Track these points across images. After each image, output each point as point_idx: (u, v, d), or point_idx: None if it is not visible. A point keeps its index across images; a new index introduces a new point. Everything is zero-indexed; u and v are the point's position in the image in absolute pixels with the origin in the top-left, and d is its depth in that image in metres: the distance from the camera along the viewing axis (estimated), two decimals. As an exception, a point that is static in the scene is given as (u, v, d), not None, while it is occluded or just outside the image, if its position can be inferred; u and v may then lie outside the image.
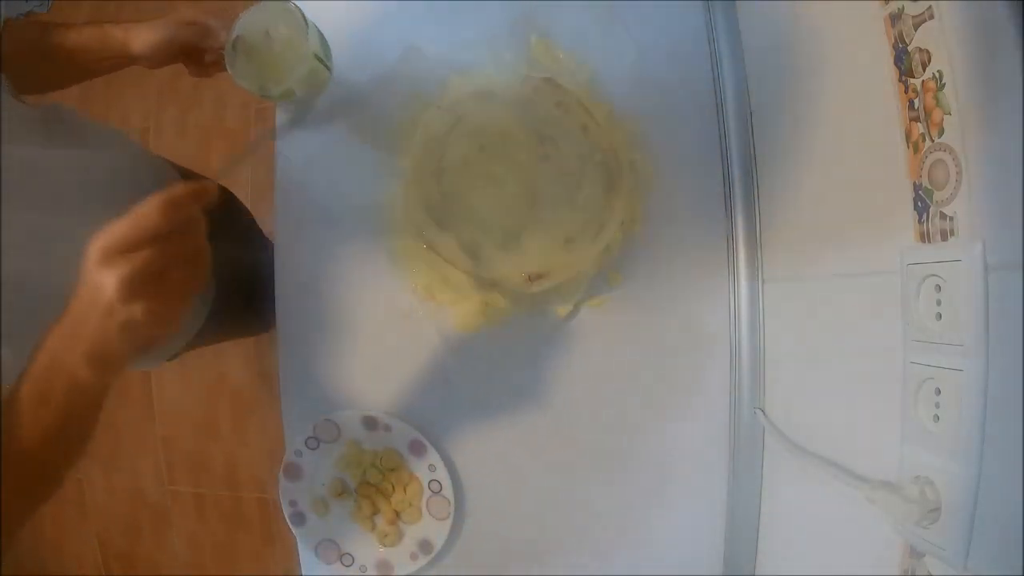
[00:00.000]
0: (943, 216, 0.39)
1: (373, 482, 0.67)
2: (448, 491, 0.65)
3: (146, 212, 0.38)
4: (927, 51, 0.40)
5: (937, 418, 0.40)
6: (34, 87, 0.62)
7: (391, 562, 0.67)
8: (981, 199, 0.36)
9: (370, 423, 0.66)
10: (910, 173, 0.42)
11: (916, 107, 0.41)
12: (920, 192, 0.41)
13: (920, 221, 0.41)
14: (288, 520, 0.68)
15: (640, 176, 0.67)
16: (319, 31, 0.62)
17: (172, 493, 1.62)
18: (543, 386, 0.67)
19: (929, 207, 0.40)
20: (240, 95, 1.61)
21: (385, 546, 0.67)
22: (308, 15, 0.60)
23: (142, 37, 0.63)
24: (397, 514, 0.67)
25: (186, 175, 0.78)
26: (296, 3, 0.59)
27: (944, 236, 0.39)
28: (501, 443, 0.68)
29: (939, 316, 0.39)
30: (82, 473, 1.67)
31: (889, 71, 0.44)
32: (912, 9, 0.41)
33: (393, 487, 0.67)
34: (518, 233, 0.62)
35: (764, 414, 0.64)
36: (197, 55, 0.65)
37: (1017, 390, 0.34)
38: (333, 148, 0.68)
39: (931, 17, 0.39)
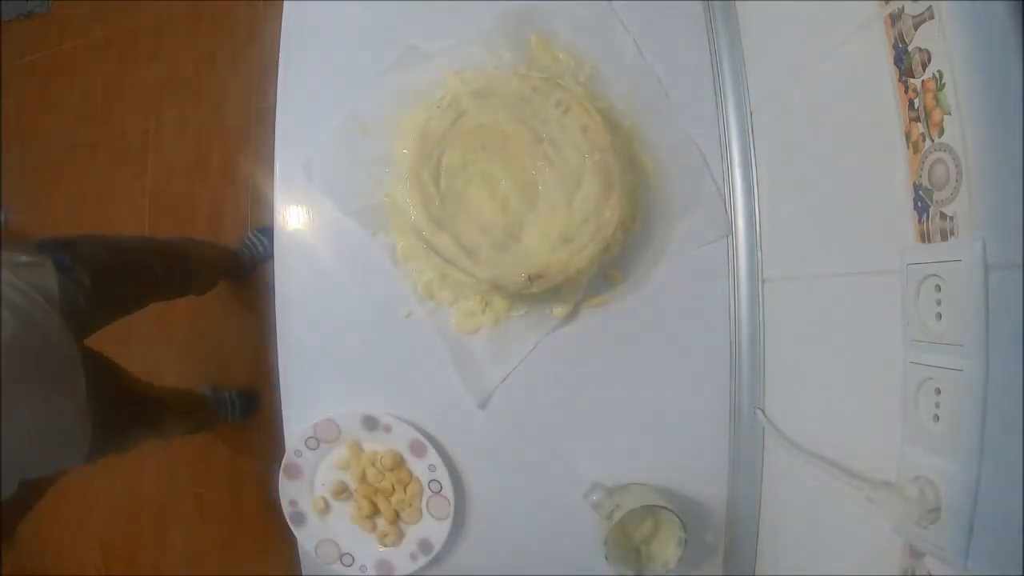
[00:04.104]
0: (943, 216, 0.39)
1: (373, 482, 0.67)
2: (448, 491, 0.65)
3: None
4: (927, 51, 0.40)
5: (937, 418, 0.40)
6: None
7: (391, 562, 0.67)
8: (981, 199, 0.36)
9: (370, 423, 0.66)
10: (910, 173, 0.42)
11: (916, 107, 0.41)
12: (920, 192, 0.41)
13: (920, 221, 0.41)
14: (288, 520, 0.68)
15: (640, 176, 0.67)
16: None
17: (172, 493, 1.61)
18: (543, 385, 0.67)
19: (929, 207, 0.40)
20: (240, 95, 1.61)
21: (385, 546, 0.67)
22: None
23: None
24: (397, 514, 0.67)
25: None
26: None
27: (944, 236, 0.39)
28: (501, 443, 0.68)
29: (939, 316, 0.39)
30: (82, 473, 1.67)
31: (889, 71, 0.44)
32: (912, 9, 0.41)
33: (393, 487, 0.67)
34: (517, 233, 0.62)
35: (764, 414, 0.64)
36: None
37: (1017, 390, 0.34)
38: (332, 148, 0.68)
39: (931, 17, 0.39)
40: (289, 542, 0.69)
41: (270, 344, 0.68)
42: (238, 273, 1.47)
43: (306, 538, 0.68)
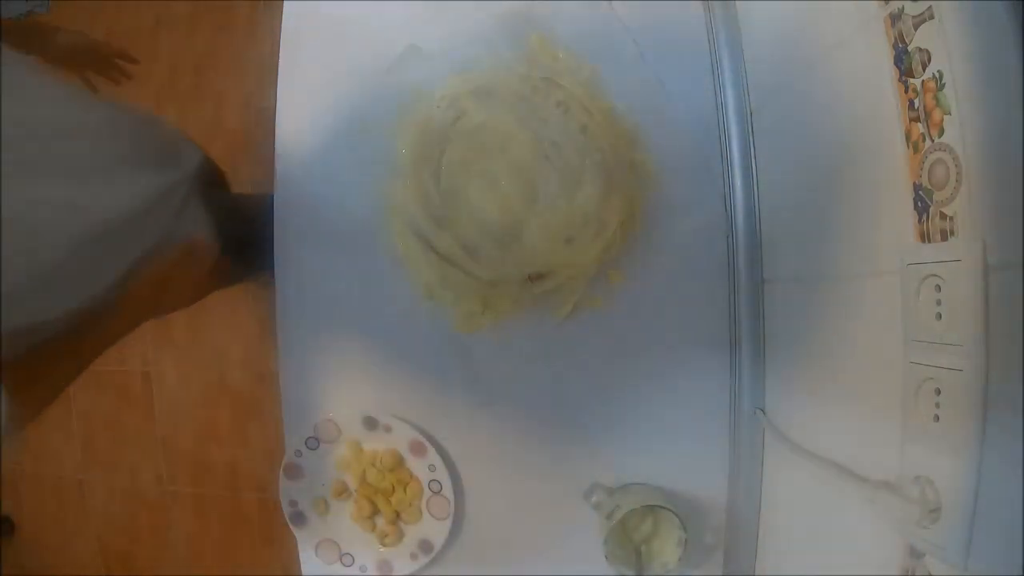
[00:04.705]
0: (943, 216, 0.39)
1: (373, 482, 0.67)
2: (448, 491, 0.65)
3: None
4: (927, 51, 0.40)
5: (937, 418, 0.40)
6: None
7: (391, 562, 0.67)
8: (981, 199, 0.36)
9: (370, 423, 0.66)
10: (910, 173, 0.42)
11: (916, 107, 0.41)
12: (920, 192, 0.41)
13: (920, 221, 0.41)
14: (288, 520, 0.68)
15: (640, 176, 0.67)
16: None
17: (172, 493, 1.61)
18: (543, 386, 0.67)
19: (929, 207, 0.40)
20: (240, 95, 1.61)
21: (385, 546, 0.67)
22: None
23: None
24: (397, 514, 0.67)
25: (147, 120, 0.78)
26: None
27: (944, 236, 0.39)
28: (501, 443, 0.68)
29: (939, 316, 0.39)
30: (82, 473, 1.67)
31: (889, 71, 0.44)
32: (912, 9, 0.41)
33: (393, 487, 0.67)
34: (518, 233, 0.62)
35: (764, 414, 0.64)
36: None
37: (1017, 390, 0.34)
38: (332, 147, 0.68)
39: (931, 17, 0.39)
40: (289, 542, 0.69)
41: (270, 344, 0.68)
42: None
43: (306, 538, 0.68)
